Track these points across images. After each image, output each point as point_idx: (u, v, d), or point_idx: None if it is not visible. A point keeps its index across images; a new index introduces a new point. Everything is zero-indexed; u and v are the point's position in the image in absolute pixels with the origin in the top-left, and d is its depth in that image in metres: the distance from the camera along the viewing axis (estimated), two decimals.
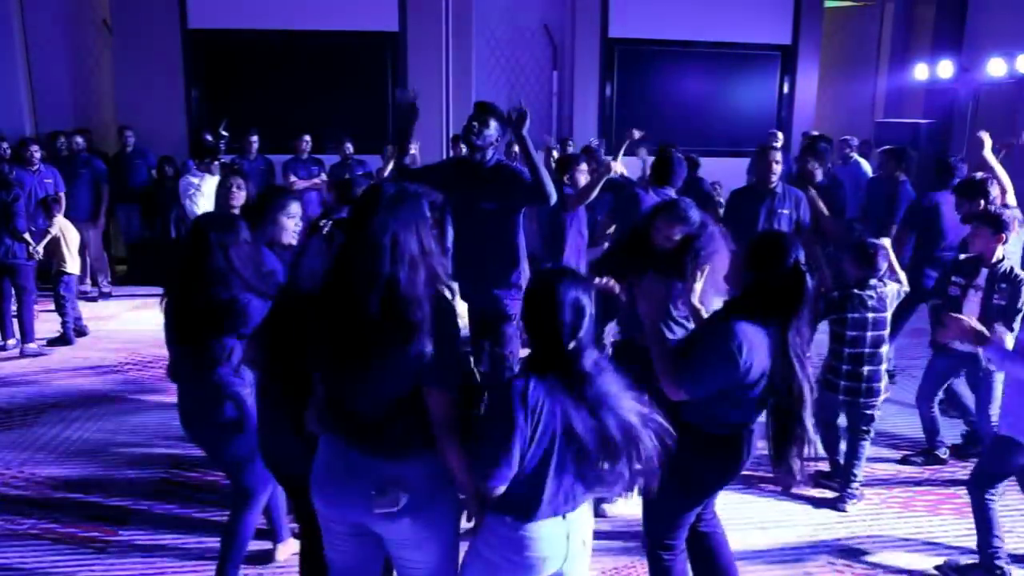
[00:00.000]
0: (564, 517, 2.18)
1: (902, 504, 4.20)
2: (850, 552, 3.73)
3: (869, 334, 3.95)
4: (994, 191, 4.61)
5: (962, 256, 4.44)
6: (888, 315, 4.01)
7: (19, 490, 4.18)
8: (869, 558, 3.69)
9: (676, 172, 4.86)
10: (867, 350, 3.97)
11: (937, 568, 3.60)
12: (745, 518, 3.95)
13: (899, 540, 3.85)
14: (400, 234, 2.10)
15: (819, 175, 5.27)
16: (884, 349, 4.02)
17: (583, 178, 5.57)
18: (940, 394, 4.57)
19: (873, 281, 3.97)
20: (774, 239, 2.67)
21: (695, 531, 2.91)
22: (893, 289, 4.06)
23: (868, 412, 4.08)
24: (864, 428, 4.09)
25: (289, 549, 3.51)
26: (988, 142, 5.29)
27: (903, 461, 4.66)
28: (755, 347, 2.52)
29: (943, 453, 4.64)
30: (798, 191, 5.19)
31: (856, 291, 3.96)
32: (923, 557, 3.70)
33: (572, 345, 2.10)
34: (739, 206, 5.23)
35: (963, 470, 4.55)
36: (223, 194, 4.86)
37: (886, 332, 4.02)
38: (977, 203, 4.55)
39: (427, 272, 2.13)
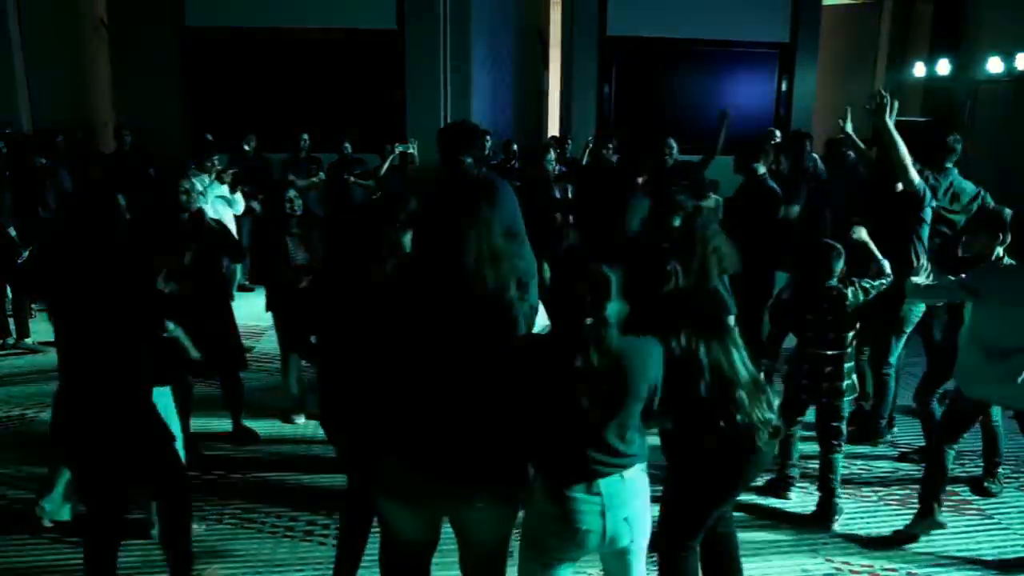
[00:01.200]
0: (598, 492, 2.21)
1: (899, 501, 4.20)
2: (847, 549, 3.74)
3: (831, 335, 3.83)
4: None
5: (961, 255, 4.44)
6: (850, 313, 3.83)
7: (18, 490, 4.18)
8: (866, 555, 3.69)
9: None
10: (828, 351, 3.83)
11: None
12: (743, 515, 3.95)
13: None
14: (485, 232, 2.18)
15: (760, 169, 5.17)
16: (846, 350, 3.85)
17: (549, 167, 6.09)
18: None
19: (833, 281, 3.83)
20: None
21: (713, 531, 2.89)
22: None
23: (835, 424, 3.89)
24: (834, 443, 3.91)
25: None
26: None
27: (901, 458, 4.68)
28: None
29: None
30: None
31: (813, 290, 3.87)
32: (920, 554, 3.70)
33: (590, 321, 2.14)
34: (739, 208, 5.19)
35: (961, 468, 4.56)
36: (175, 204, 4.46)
37: (844, 334, 3.84)
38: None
39: (509, 267, 2.21)
